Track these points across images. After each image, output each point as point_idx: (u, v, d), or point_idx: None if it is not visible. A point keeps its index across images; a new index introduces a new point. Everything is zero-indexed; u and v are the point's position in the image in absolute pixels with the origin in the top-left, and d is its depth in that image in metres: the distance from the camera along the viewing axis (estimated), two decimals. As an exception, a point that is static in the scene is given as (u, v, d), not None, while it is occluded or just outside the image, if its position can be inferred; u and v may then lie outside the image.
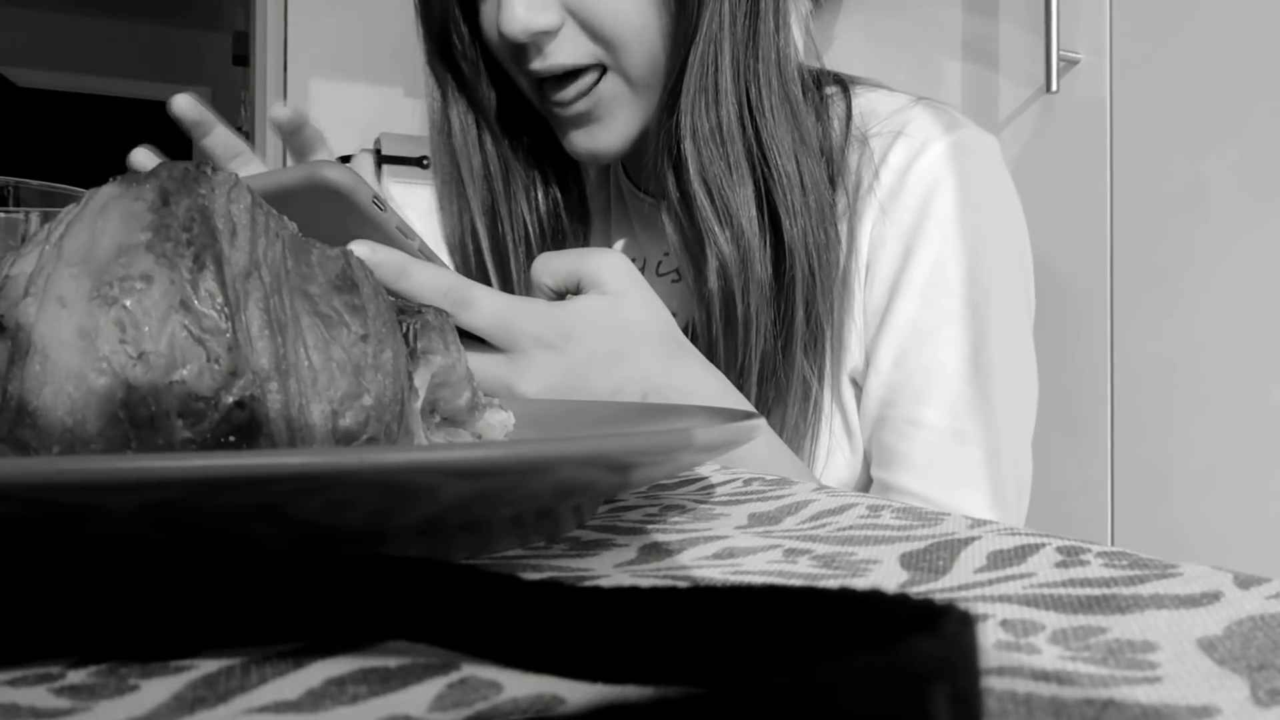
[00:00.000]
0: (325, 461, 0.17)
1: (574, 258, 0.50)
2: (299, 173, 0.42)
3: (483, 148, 0.70)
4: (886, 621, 0.12)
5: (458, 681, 0.15)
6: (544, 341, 0.46)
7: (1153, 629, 0.17)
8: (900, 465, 0.60)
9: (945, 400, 0.60)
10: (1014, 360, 0.61)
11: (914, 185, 0.60)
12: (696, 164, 0.59)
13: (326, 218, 0.43)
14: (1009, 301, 0.61)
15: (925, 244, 0.60)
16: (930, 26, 1.57)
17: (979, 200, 0.61)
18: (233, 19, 3.85)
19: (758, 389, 0.59)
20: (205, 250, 0.23)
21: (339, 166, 0.42)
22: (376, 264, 0.43)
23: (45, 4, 4.90)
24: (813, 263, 0.59)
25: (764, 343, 0.59)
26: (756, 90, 0.59)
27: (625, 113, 0.63)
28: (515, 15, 0.58)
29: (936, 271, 0.60)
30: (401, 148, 2.00)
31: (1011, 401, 0.61)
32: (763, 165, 0.59)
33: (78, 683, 0.16)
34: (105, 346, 0.22)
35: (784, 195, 0.59)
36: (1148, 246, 1.22)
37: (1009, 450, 0.60)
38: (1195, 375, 1.16)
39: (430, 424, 0.31)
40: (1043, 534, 0.24)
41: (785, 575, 0.21)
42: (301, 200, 0.42)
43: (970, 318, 0.60)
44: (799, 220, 0.59)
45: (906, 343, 0.60)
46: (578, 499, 0.25)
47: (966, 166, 0.61)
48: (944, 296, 0.60)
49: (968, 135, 0.62)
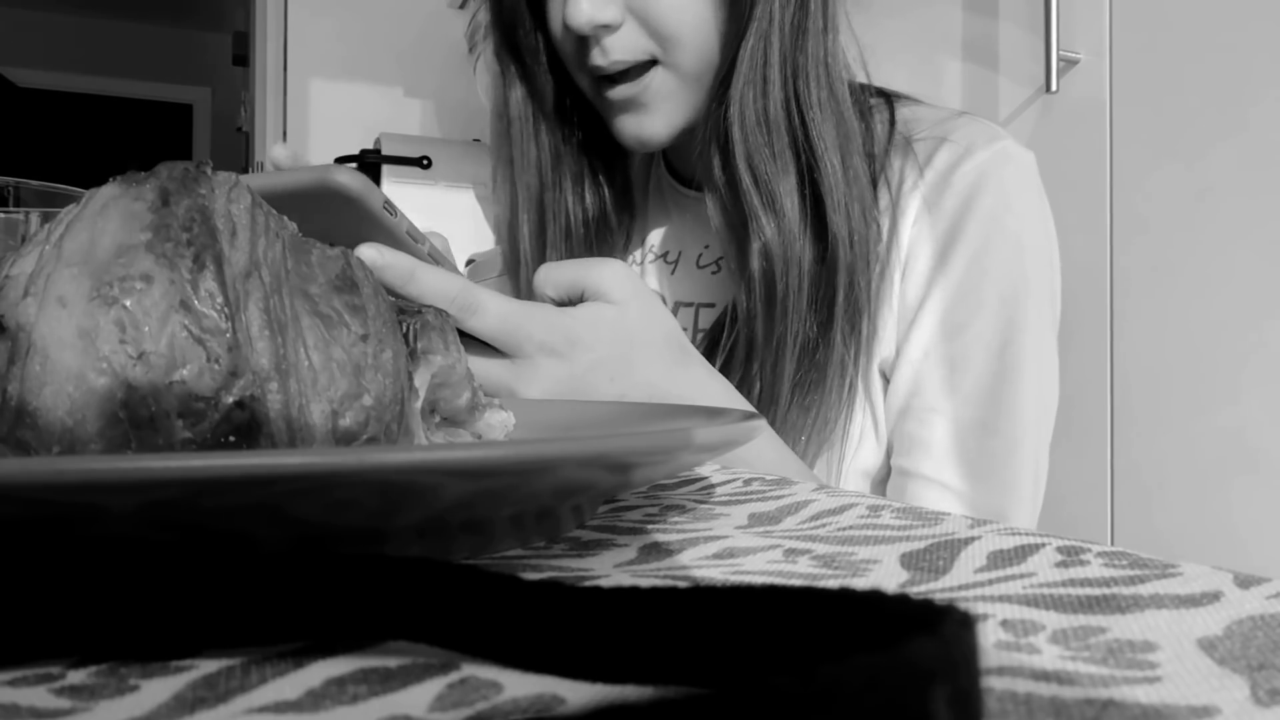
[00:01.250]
0: (325, 461, 0.17)
1: (577, 268, 0.50)
2: (310, 175, 0.42)
3: (537, 136, 0.73)
4: (887, 622, 0.12)
5: (458, 681, 0.15)
6: (549, 348, 0.47)
7: (1153, 629, 0.17)
8: (921, 452, 0.61)
9: (970, 393, 0.61)
10: (1040, 361, 0.62)
11: (958, 185, 0.62)
12: (743, 149, 0.61)
13: (337, 221, 0.44)
14: (1039, 305, 0.63)
15: (964, 242, 0.62)
16: (930, 26, 1.57)
17: (1017, 207, 0.63)
18: (233, 19, 3.85)
19: (796, 367, 0.61)
20: (205, 250, 0.23)
21: (350, 171, 0.42)
22: (384, 267, 0.43)
23: (45, 4, 4.90)
24: (854, 249, 0.61)
25: (804, 324, 0.61)
26: (805, 84, 0.62)
27: (672, 104, 0.66)
28: (581, 9, 0.61)
29: (972, 269, 0.61)
30: (401, 148, 2.00)
31: (1035, 400, 0.62)
32: (808, 154, 0.61)
33: (78, 683, 0.16)
34: (105, 346, 0.21)
35: (828, 183, 0.61)
36: (1148, 246, 1.22)
37: (1030, 446, 0.61)
38: (1195, 375, 1.16)
39: (430, 424, 0.31)
40: (1043, 534, 0.24)
41: (785, 575, 0.21)
42: (312, 203, 0.42)
43: (1001, 316, 0.61)
44: (841, 208, 0.61)
45: (937, 336, 0.62)
46: (578, 499, 0.25)
47: (1008, 174, 0.63)
48: (977, 293, 0.61)
49: (1009, 146, 0.64)
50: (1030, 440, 0.61)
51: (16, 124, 4.73)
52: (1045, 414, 0.63)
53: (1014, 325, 0.61)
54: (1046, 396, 0.63)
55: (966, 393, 0.61)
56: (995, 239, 0.62)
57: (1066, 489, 1.28)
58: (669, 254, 0.75)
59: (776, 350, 0.61)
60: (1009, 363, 0.61)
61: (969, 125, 0.65)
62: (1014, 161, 0.64)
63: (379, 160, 1.89)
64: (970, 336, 0.61)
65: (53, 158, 4.85)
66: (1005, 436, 0.60)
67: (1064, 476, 0.63)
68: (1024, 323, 0.61)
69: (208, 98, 5.34)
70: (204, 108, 5.37)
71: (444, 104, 2.32)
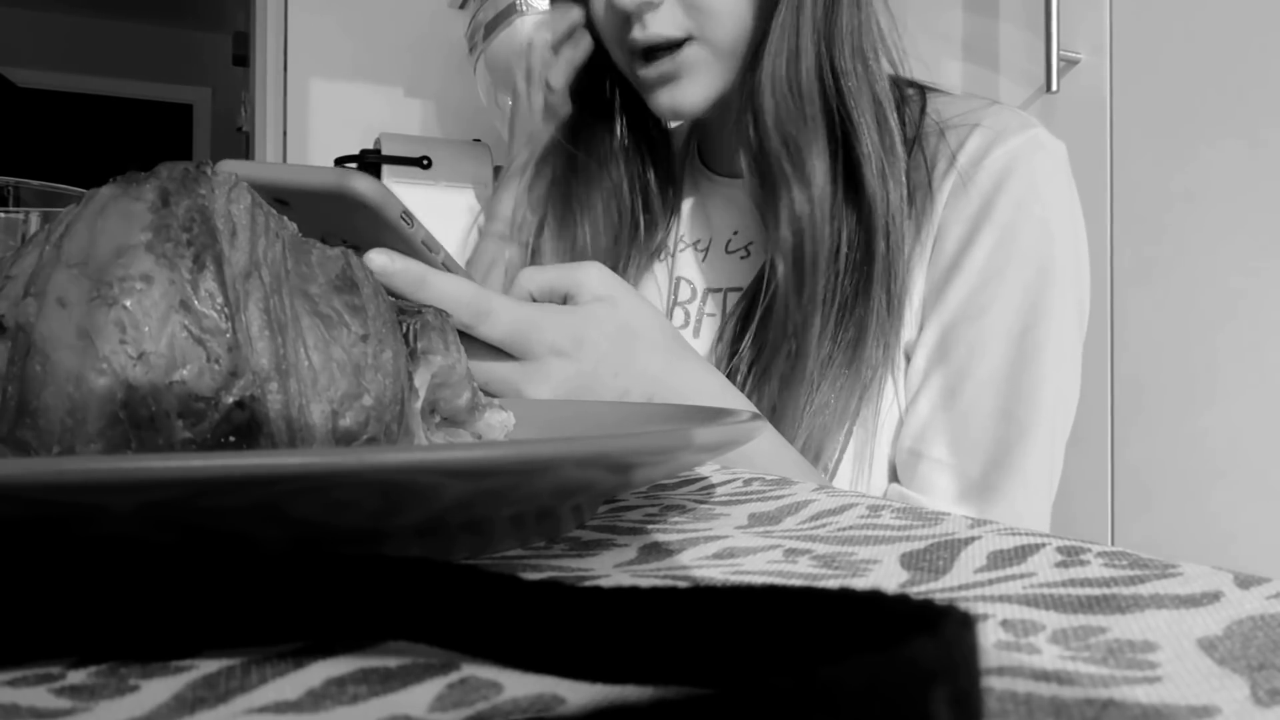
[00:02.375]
0: (325, 461, 0.17)
1: (558, 271, 0.52)
2: (327, 177, 0.42)
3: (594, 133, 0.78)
4: (887, 622, 0.12)
5: (458, 681, 0.15)
6: (558, 349, 0.48)
7: (1153, 629, 0.17)
8: (934, 434, 0.61)
9: (987, 377, 0.61)
10: (1061, 351, 0.62)
11: (989, 169, 0.63)
12: (773, 116, 0.64)
13: (353, 222, 0.44)
14: (1063, 294, 0.62)
15: (992, 224, 0.62)
16: (930, 26, 1.57)
17: (1046, 194, 0.63)
18: (233, 19, 3.85)
19: (836, 326, 0.62)
20: (205, 250, 0.23)
21: (368, 178, 0.42)
22: (395, 273, 0.44)
23: (45, 4, 4.89)
24: (890, 213, 0.63)
25: (840, 281, 0.63)
26: (838, 52, 0.64)
27: (706, 76, 0.68)
28: None
29: (998, 253, 0.62)
30: (401, 148, 2.00)
31: (1053, 390, 0.61)
32: (843, 119, 0.64)
33: (78, 683, 0.16)
34: (105, 347, 0.21)
35: (864, 149, 0.63)
36: (1148, 246, 1.22)
37: (1045, 436, 0.61)
38: (1195, 375, 1.16)
39: (430, 424, 0.31)
40: (1043, 534, 0.24)
41: (785, 575, 0.21)
42: (328, 204, 0.42)
43: (1024, 302, 0.61)
44: (877, 173, 0.63)
45: (959, 318, 0.62)
46: (578, 499, 0.25)
47: (1039, 160, 0.64)
48: (1001, 277, 0.62)
49: (1041, 134, 0.65)
50: (1045, 429, 0.61)
51: (16, 124, 4.73)
52: (1063, 405, 0.63)
53: (1036, 312, 0.61)
54: (1065, 388, 0.63)
55: (983, 377, 0.61)
56: (1023, 224, 0.62)
57: (1066, 489, 1.27)
58: (699, 241, 0.77)
59: (806, 309, 0.62)
60: (1028, 350, 0.61)
61: (1001, 113, 0.66)
62: (1045, 149, 0.64)
63: (379, 160, 1.89)
64: (991, 320, 0.61)
65: (53, 158, 4.84)
66: (1020, 423, 0.60)
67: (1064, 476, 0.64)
68: (1047, 310, 0.61)
69: (208, 98, 5.34)
70: (204, 108, 5.37)
71: (444, 104, 2.32)
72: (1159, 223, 1.21)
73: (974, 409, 0.61)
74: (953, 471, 0.61)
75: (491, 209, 0.84)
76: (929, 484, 0.61)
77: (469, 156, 2.11)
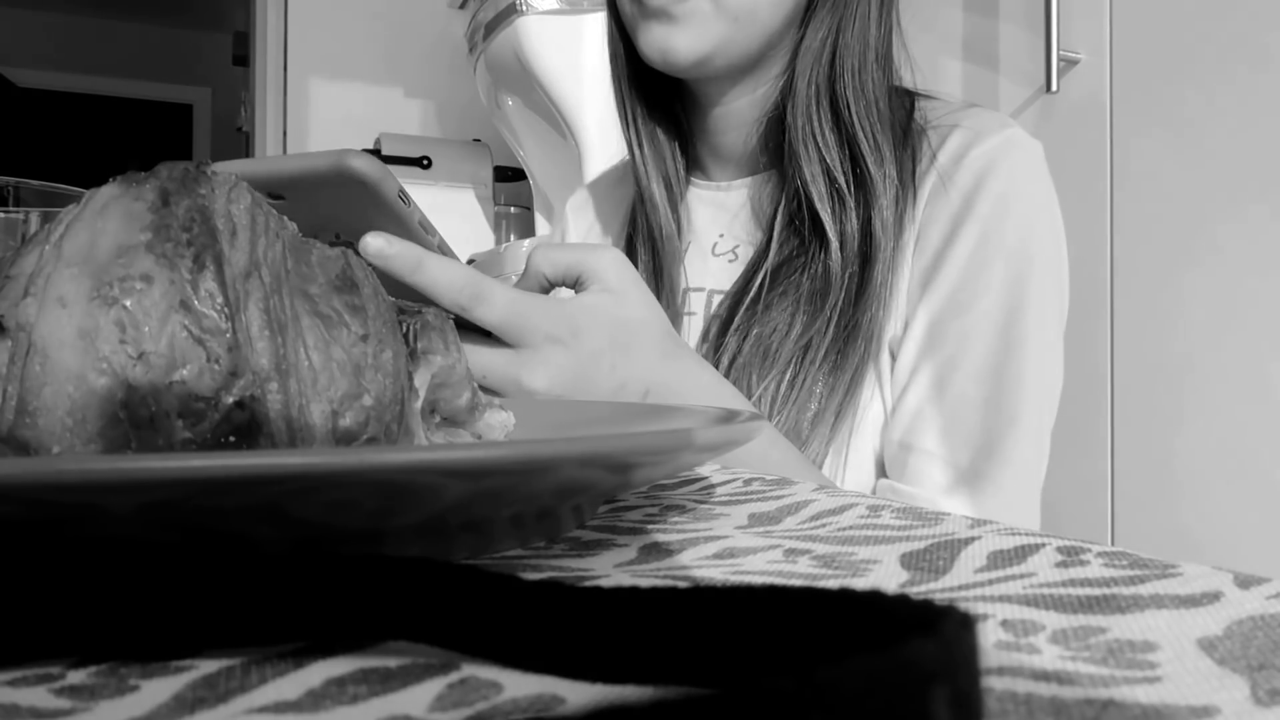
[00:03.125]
0: (325, 461, 0.17)
1: (577, 252, 0.51)
2: (326, 159, 0.42)
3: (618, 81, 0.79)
4: (886, 622, 0.12)
5: (458, 681, 0.15)
6: (554, 337, 0.47)
7: (1153, 629, 0.17)
8: (923, 426, 0.62)
9: (973, 369, 0.62)
10: (1043, 342, 0.63)
11: (970, 166, 0.65)
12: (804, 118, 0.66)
13: (349, 208, 0.43)
14: (1043, 287, 0.64)
15: (974, 219, 0.64)
16: (930, 26, 1.57)
17: (1025, 191, 0.65)
18: (233, 19, 3.85)
19: (825, 325, 0.64)
20: (205, 250, 0.23)
21: (366, 157, 0.42)
22: (392, 256, 0.43)
23: (45, 4, 4.90)
24: (883, 213, 0.65)
25: (840, 272, 0.64)
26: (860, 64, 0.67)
27: (703, 27, 0.67)
28: None
29: (980, 249, 0.63)
30: (401, 148, 2.00)
31: (1038, 380, 0.62)
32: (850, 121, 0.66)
33: (78, 683, 0.16)
34: (105, 347, 0.21)
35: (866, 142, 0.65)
36: (1148, 246, 1.22)
37: (1032, 425, 0.62)
38: (1195, 375, 1.16)
39: (430, 424, 0.31)
40: (1043, 534, 0.24)
41: (785, 575, 0.21)
42: (325, 188, 0.42)
43: (1007, 295, 0.62)
44: (874, 171, 0.65)
45: (943, 313, 0.63)
46: (578, 499, 0.25)
47: (1017, 158, 0.66)
48: (984, 272, 0.63)
49: (1017, 134, 0.67)
50: (1032, 418, 0.62)
51: (16, 124, 4.73)
52: (1048, 395, 0.64)
53: (1020, 303, 0.62)
54: (1049, 378, 0.64)
55: (969, 370, 0.62)
56: (1003, 220, 0.63)
57: (1066, 489, 1.28)
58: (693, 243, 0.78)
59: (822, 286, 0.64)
60: (1014, 340, 0.62)
61: (979, 114, 0.68)
62: (1021, 148, 0.66)
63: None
64: (975, 314, 0.62)
65: (53, 158, 4.84)
66: (1008, 413, 0.61)
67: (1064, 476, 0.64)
68: (1028, 302, 0.62)
69: (208, 98, 5.34)
70: (204, 108, 5.37)
71: (444, 104, 2.32)
72: (1158, 222, 1.21)
73: (963, 400, 0.62)
74: (943, 462, 0.61)
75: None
76: (920, 476, 0.61)
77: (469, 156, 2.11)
